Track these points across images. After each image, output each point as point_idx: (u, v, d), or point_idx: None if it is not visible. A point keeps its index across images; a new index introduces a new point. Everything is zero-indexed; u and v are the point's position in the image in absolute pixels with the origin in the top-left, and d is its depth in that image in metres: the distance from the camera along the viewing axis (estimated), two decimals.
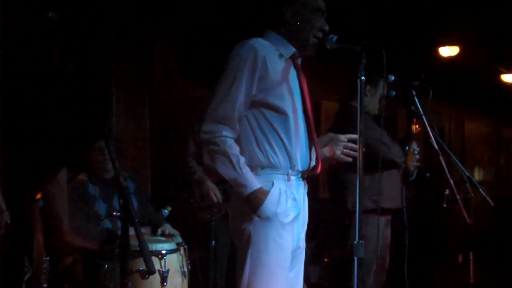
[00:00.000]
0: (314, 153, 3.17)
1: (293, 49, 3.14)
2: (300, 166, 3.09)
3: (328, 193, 5.27)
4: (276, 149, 3.02)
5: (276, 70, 3.05)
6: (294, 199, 3.08)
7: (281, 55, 3.11)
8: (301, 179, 3.14)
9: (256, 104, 3.03)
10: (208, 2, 6.06)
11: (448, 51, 8.55)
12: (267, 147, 3.01)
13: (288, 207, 3.04)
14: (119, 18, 5.55)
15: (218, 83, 3.05)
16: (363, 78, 2.96)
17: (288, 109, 3.05)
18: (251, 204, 2.97)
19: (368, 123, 4.64)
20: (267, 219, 2.98)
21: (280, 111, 3.03)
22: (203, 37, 6.31)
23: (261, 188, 2.96)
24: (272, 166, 3.02)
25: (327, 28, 3.12)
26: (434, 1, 6.58)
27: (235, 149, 2.97)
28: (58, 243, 3.91)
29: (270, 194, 2.98)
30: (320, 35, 3.10)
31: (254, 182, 2.95)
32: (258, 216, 2.97)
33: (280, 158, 3.02)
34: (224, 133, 2.97)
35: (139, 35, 5.81)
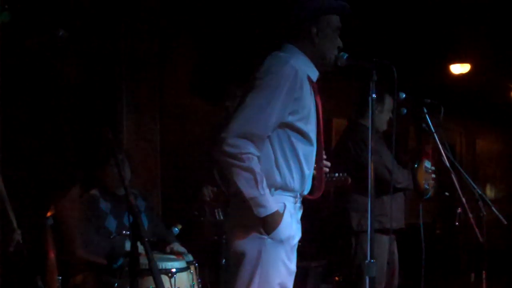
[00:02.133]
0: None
1: (317, 72, 3.11)
2: (306, 191, 3.08)
3: (332, 212, 5.21)
4: (294, 172, 2.97)
5: (307, 94, 3.00)
6: (298, 222, 3.08)
7: (308, 77, 3.05)
8: (300, 202, 3.12)
9: (282, 125, 2.95)
10: (219, 20, 6.08)
11: (459, 68, 8.55)
12: (285, 169, 2.96)
13: (295, 230, 3.03)
14: (130, 35, 5.57)
15: (252, 96, 2.92)
16: (374, 95, 2.95)
17: (312, 133, 3.02)
18: (267, 226, 2.89)
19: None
20: (280, 241, 2.93)
21: (305, 136, 2.99)
22: (214, 54, 6.32)
23: (278, 210, 2.90)
24: (285, 189, 2.97)
25: (341, 45, 3.11)
26: (446, 19, 6.58)
27: (258, 166, 2.86)
28: (69, 259, 3.90)
29: (284, 217, 2.93)
30: (336, 53, 3.08)
31: (273, 204, 2.88)
32: (271, 238, 2.92)
33: (295, 182, 2.98)
34: (252, 150, 2.85)
35: (150, 52, 5.83)
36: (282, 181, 2.95)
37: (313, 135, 3.03)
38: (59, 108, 2.87)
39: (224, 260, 4.53)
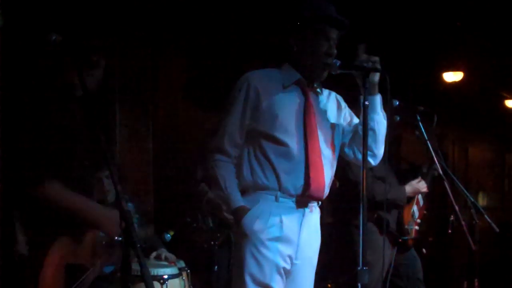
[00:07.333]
0: (315, 177, 3.15)
1: (297, 76, 3.19)
2: (292, 190, 3.12)
3: (331, 217, 5.23)
4: (266, 172, 3.12)
5: (272, 99, 3.13)
6: (281, 220, 3.10)
7: (284, 85, 3.18)
8: (294, 203, 3.14)
9: (253, 135, 3.14)
10: (212, 28, 6.09)
11: (452, 76, 8.56)
12: (259, 171, 3.13)
13: (268, 225, 3.08)
14: (124, 42, 5.56)
15: None
16: (366, 103, 2.95)
17: (283, 136, 3.11)
18: (234, 221, 3.14)
19: None
20: (245, 235, 3.10)
21: (273, 138, 3.11)
22: (207, 62, 6.33)
23: (242, 206, 3.10)
24: (260, 188, 3.13)
25: (333, 52, 3.13)
26: (439, 27, 6.60)
27: (224, 170, 3.15)
28: None
29: (250, 211, 3.09)
30: (327, 60, 3.11)
31: (237, 200, 3.11)
32: (241, 232, 3.10)
33: (269, 180, 3.11)
34: (217, 157, 3.18)
35: (144, 60, 5.82)
36: (254, 182, 3.13)
37: (286, 136, 3.11)
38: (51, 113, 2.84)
39: (216, 267, 4.53)
